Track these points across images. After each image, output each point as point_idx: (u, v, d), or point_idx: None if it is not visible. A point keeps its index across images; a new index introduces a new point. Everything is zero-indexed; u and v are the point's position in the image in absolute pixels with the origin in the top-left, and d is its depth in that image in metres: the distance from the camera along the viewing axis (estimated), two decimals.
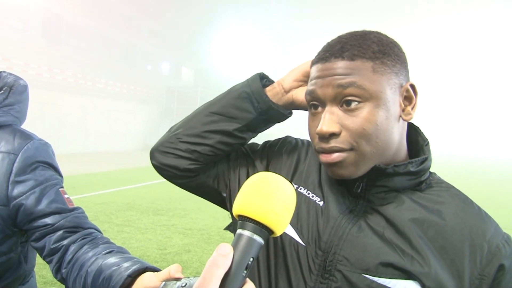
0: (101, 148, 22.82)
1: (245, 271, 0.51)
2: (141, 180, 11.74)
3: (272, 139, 1.07)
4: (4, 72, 1.24)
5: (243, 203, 0.55)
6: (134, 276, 0.85)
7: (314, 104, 0.80)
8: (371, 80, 0.74)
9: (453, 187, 0.85)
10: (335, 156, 0.76)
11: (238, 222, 0.55)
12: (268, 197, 0.54)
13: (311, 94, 0.80)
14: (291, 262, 0.83)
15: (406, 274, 0.73)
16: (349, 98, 0.74)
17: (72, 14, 27.12)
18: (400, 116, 0.79)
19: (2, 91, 1.18)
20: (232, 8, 47.05)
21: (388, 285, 0.74)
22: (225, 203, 1.04)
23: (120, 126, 24.88)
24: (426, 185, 0.83)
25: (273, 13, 56.43)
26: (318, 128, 0.76)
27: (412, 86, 0.81)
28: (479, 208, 0.82)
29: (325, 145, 0.77)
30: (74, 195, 7.74)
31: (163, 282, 0.70)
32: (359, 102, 0.74)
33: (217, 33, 43.72)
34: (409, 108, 0.81)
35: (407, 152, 0.86)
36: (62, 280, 1.01)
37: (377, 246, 0.76)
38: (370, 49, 0.76)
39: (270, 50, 58.37)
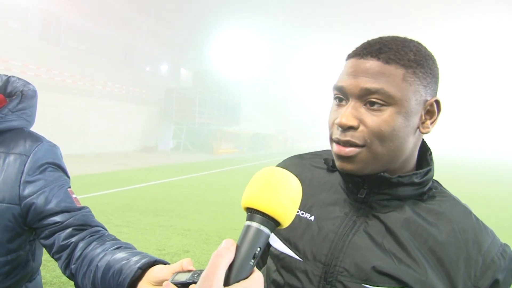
0: (100, 149, 22.81)
1: (252, 260, 0.54)
2: (140, 181, 11.78)
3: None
4: (13, 76, 1.28)
5: (250, 196, 0.58)
6: (144, 268, 0.88)
7: (339, 97, 0.83)
8: (399, 87, 0.77)
9: (454, 198, 0.87)
10: (349, 151, 0.79)
11: (246, 214, 0.58)
12: (275, 190, 0.57)
13: (338, 89, 0.82)
14: (289, 277, 0.87)
15: (403, 283, 0.76)
16: (373, 99, 0.77)
17: (71, 15, 27.11)
18: (418, 127, 0.82)
19: (15, 97, 1.22)
20: (231, 10, 47.08)
21: None
22: None
23: (119, 127, 24.86)
24: (428, 196, 0.85)
25: (272, 16, 56.45)
26: (338, 120, 0.79)
27: (437, 102, 0.83)
28: (477, 219, 0.83)
29: (341, 137, 0.80)
30: None
31: (175, 273, 0.73)
32: (382, 105, 0.77)
33: (216, 34, 43.73)
34: (428, 122, 0.83)
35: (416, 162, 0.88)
36: (71, 276, 1.05)
37: (376, 257, 0.79)
38: (406, 56, 0.78)
39: (268, 53, 58.32)
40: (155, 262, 0.90)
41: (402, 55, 0.78)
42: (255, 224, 0.56)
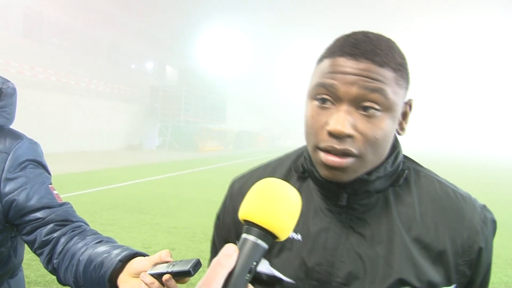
0: (84, 147, 22.56)
1: (248, 275, 0.53)
2: (125, 179, 11.71)
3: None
4: None
5: (248, 209, 0.57)
6: (124, 261, 0.89)
7: (324, 99, 0.74)
8: (394, 92, 0.72)
9: (426, 174, 0.86)
10: (345, 162, 0.73)
11: (243, 227, 0.56)
12: (273, 204, 0.56)
13: (328, 88, 0.73)
14: None
15: (400, 281, 0.75)
16: (369, 104, 0.71)
17: (54, 12, 26.74)
18: (396, 129, 0.79)
19: None
20: (217, 8, 46.92)
21: None
22: None
23: (104, 125, 24.60)
24: (403, 179, 0.82)
25: (258, 14, 56.42)
26: (333, 127, 0.71)
27: (410, 102, 0.81)
28: (454, 191, 0.82)
29: (338, 145, 0.72)
30: None
31: (154, 265, 0.75)
32: (377, 110, 0.71)
33: (202, 32, 43.56)
34: (404, 123, 0.81)
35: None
36: (53, 271, 1.06)
37: (369, 261, 0.77)
38: (395, 60, 0.74)
39: (254, 51, 58.30)
40: (135, 255, 0.91)
41: (392, 58, 0.73)
42: (252, 238, 0.55)
